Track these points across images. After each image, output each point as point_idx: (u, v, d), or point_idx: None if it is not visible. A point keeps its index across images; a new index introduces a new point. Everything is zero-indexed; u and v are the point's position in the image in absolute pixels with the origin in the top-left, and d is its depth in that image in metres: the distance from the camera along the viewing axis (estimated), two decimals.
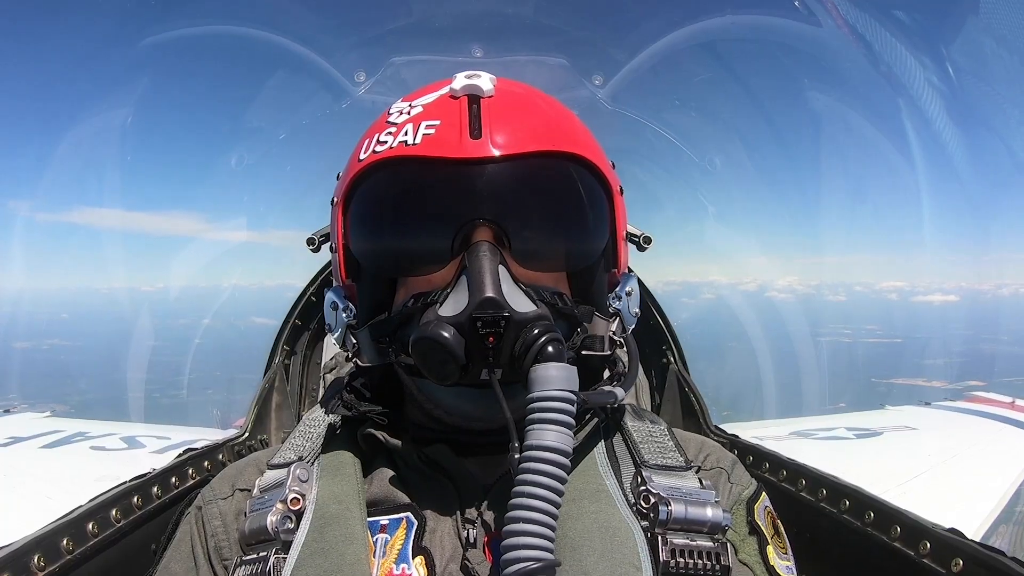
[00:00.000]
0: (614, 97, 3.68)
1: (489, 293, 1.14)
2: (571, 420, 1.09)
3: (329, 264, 2.06)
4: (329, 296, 1.40)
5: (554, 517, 1.04)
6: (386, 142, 1.25)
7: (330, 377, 2.74)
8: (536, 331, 1.14)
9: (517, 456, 1.07)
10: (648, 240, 1.52)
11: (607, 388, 1.31)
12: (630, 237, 1.50)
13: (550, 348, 1.12)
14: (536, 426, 1.07)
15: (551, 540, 1.04)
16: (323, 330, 2.89)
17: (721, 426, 2.59)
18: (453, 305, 1.17)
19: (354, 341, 1.37)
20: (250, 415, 2.61)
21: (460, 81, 1.28)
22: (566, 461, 1.06)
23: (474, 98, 1.25)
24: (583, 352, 1.33)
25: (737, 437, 2.44)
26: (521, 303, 1.17)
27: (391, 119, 1.29)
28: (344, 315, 1.37)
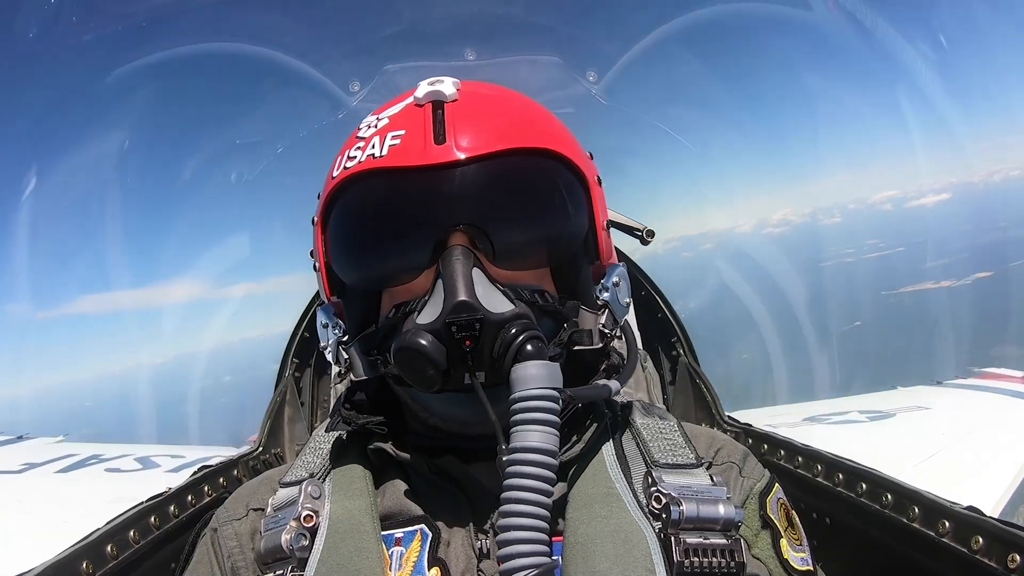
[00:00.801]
0: (608, 92, 3.69)
1: (461, 297, 1.13)
2: (555, 418, 1.08)
3: None
4: (319, 315, 1.41)
5: (544, 519, 1.04)
6: (355, 157, 1.25)
7: (341, 387, 2.74)
8: (514, 331, 1.14)
9: (504, 459, 1.06)
10: (651, 233, 1.51)
11: (601, 382, 1.29)
12: (631, 231, 1.49)
13: (529, 347, 1.12)
14: (520, 427, 1.06)
15: (545, 543, 1.03)
16: None
17: (733, 414, 2.59)
18: (430, 312, 1.17)
19: (346, 356, 1.37)
20: (263, 429, 2.62)
21: (423, 88, 1.27)
22: (552, 460, 1.05)
23: (438, 104, 1.25)
24: (574, 348, 1.31)
25: (750, 426, 2.43)
26: (497, 304, 1.17)
27: (360, 133, 1.29)
28: (334, 332, 1.38)
